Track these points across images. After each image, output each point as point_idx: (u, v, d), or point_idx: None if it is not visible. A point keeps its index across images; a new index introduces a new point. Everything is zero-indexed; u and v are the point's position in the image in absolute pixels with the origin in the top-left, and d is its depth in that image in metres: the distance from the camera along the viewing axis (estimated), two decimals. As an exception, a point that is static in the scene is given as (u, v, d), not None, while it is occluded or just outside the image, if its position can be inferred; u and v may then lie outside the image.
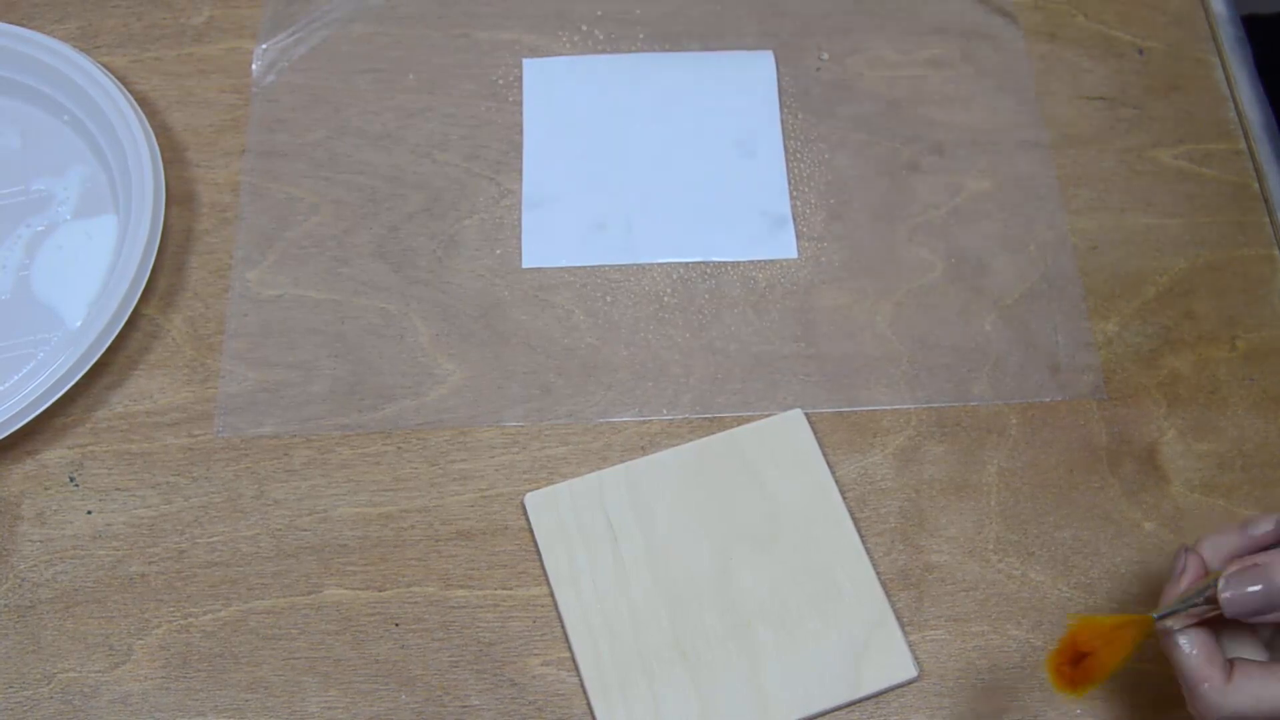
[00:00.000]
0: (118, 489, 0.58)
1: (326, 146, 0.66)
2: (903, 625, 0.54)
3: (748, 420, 0.59)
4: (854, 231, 0.64)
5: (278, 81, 0.68)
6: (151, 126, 0.64)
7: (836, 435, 0.59)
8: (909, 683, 0.53)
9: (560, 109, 0.67)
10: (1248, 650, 0.47)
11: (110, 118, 0.64)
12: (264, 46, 0.69)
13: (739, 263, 0.63)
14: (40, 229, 0.64)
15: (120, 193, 0.64)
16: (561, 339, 0.61)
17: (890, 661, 0.53)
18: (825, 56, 0.68)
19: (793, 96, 0.67)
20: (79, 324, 0.61)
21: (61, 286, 0.62)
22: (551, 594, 0.55)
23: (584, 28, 0.70)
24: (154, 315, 0.61)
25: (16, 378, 0.60)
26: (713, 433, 0.58)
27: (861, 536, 0.56)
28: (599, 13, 0.70)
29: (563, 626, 0.54)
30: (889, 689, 0.53)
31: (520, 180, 0.65)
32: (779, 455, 0.58)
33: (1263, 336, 0.61)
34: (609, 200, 0.65)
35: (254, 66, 0.68)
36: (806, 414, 0.59)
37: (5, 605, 0.55)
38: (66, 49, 0.65)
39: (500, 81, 0.68)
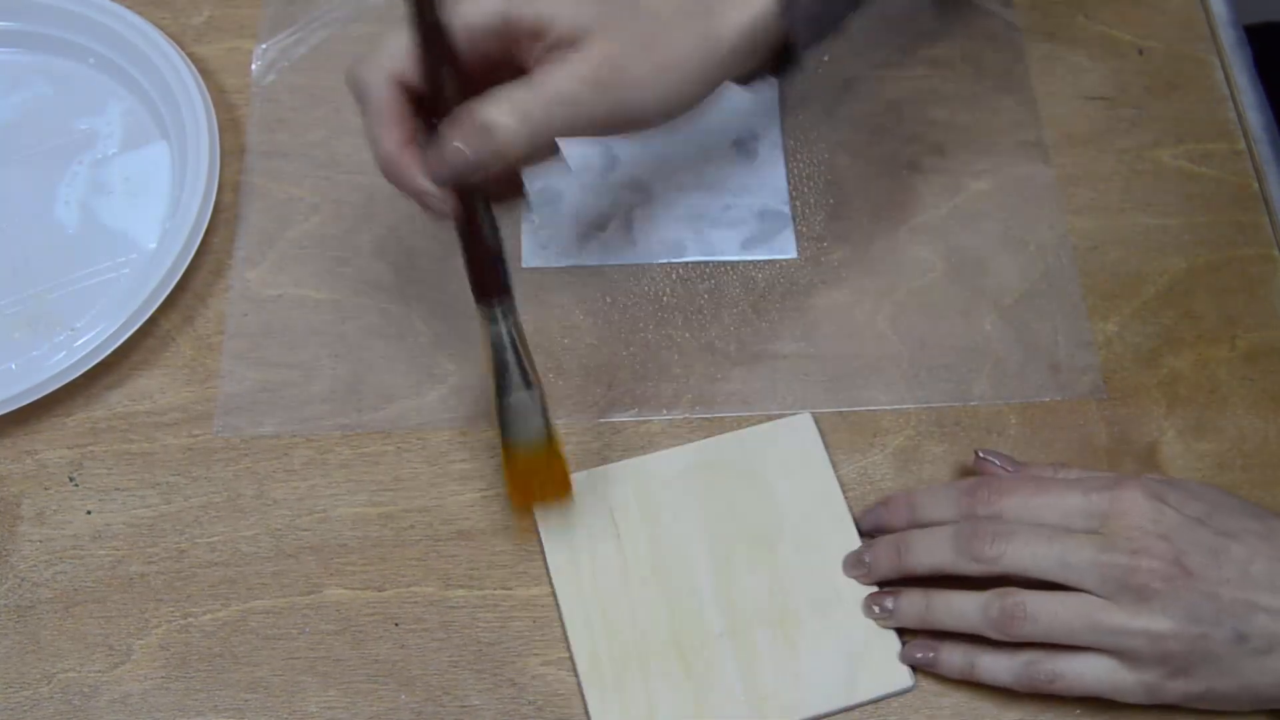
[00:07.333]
0: (118, 489, 0.58)
1: (326, 146, 0.66)
2: (900, 632, 0.54)
3: (748, 420, 0.59)
4: (854, 231, 0.64)
5: (278, 81, 0.68)
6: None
7: (836, 435, 0.59)
8: (904, 692, 0.53)
9: (560, 109, 0.67)
10: None
11: (141, 47, 0.65)
12: (264, 46, 0.69)
13: (739, 263, 0.63)
14: (93, 163, 0.65)
15: (168, 117, 0.65)
16: (561, 339, 0.61)
17: (887, 670, 0.53)
18: (825, 57, 0.68)
19: (793, 97, 0.67)
20: (154, 245, 0.62)
21: (129, 212, 0.64)
22: (552, 590, 0.55)
23: (584, 28, 0.69)
24: (154, 314, 0.61)
25: (104, 301, 0.62)
26: (713, 433, 0.58)
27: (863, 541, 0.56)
28: (599, 13, 0.70)
29: (562, 624, 0.54)
30: (884, 697, 0.53)
31: (520, 180, 0.65)
32: (785, 458, 0.58)
33: (1263, 336, 0.61)
34: (609, 200, 0.65)
35: (254, 66, 0.68)
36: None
37: (5, 605, 0.55)
38: None
39: (500, 81, 0.68)
